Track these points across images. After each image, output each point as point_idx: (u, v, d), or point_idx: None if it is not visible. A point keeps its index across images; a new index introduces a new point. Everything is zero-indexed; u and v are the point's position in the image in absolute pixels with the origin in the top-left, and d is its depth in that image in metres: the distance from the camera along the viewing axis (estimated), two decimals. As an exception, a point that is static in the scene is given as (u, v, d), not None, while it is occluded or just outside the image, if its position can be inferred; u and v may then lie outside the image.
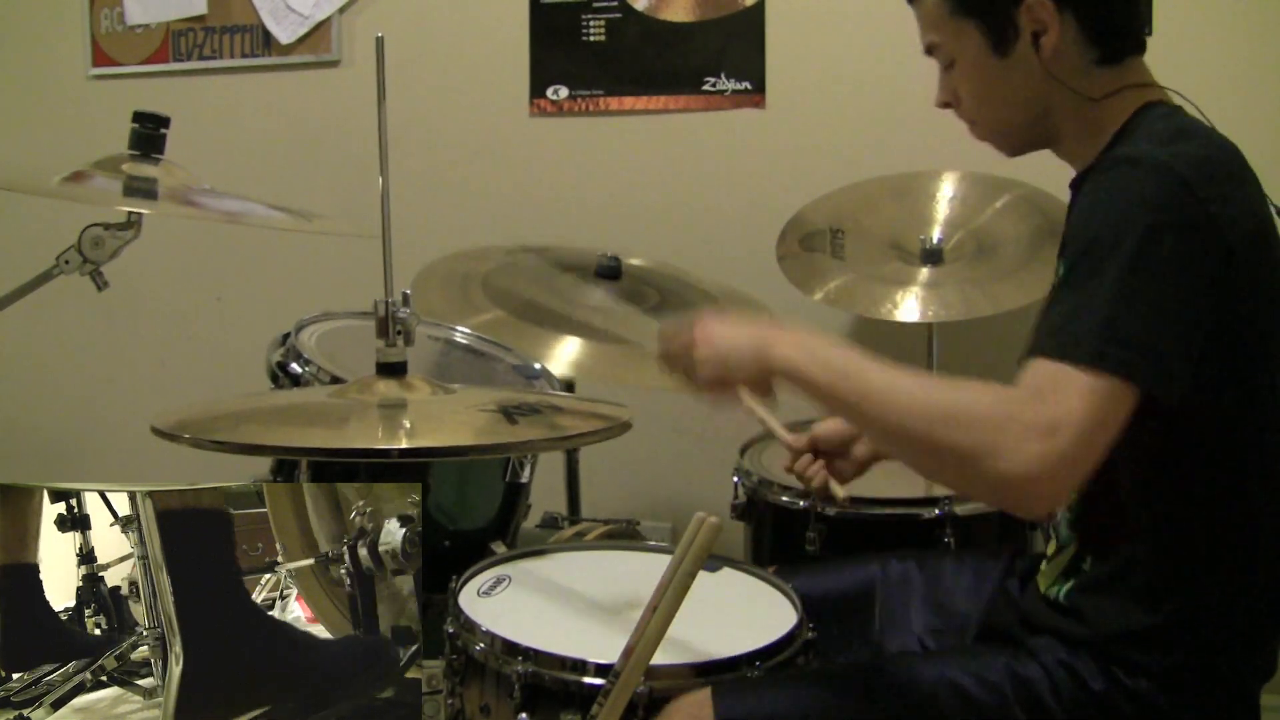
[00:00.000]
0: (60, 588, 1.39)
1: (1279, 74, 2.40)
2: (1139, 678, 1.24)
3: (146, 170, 1.76)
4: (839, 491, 1.56)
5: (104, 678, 1.38)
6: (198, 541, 1.38)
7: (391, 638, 1.42)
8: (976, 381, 1.13)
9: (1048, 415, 1.08)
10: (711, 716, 1.24)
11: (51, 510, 1.39)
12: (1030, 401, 1.09)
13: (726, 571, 1.59)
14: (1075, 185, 1.36)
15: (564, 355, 2.12)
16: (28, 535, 1.37)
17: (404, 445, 1.37)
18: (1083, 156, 1.34)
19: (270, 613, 1.42)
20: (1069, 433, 1.07)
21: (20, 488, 1.38)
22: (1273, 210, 1.26)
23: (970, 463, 1.10)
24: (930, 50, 1.39)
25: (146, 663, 1.39)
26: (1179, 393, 1.11)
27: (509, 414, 1.42)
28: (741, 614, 1.47)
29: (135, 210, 1.74)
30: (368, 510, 1.43)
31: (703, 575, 1.24)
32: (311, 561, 1.42)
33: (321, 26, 2.93)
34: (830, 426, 1.60)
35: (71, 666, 1.37)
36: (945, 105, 1.41)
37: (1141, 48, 1.33)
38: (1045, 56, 1.29)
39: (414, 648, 1.42)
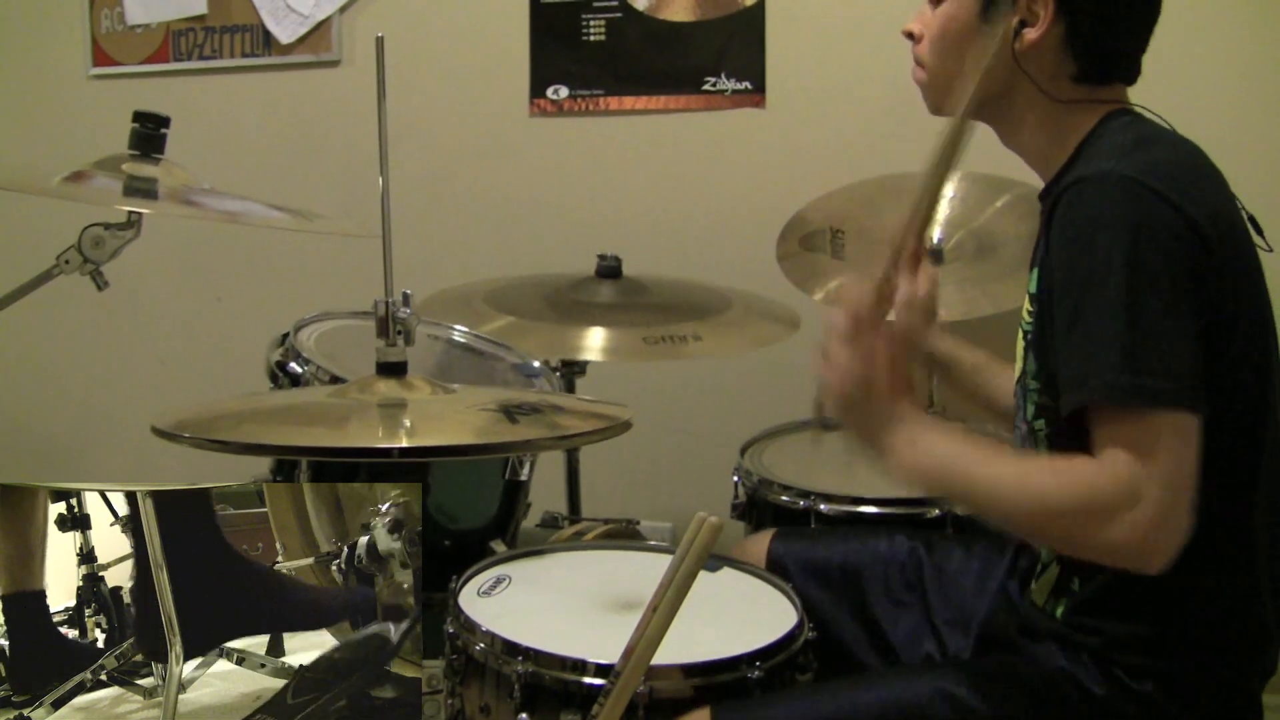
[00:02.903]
0: (60, 588, 1.39)
1: (1278, 74, 2.40)
2: (1144, 680, 1.23)
3: (147, 170, 1.76)
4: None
5: (104, 677, 1.38)
6: (197, 541, 1.38)
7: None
8: (1060, 462, 1.16)
9: (1125, 483, 1.10)
10: None
11: (52, 510, 1.39)
12: (1103, 475, 1.12)
13: (726, 571, 1.59)
14: (1044, 198, 1.36)
15: (589, 344, 2.15)
16: (32, 556, 1.37)
17: (404, 444, 1.37)
18: (1044, 160, 1.34)
19: (269, 607, 1.42)
20: (1150, 490, 1.10)
21: (22, 488, 1.38)
22: (1242, 212, 1.26)
23: (1078, 545, 1.17)
24: None
25: (146, 662, 1.39)
26: (1205, 403, 1.13)
27: (509, 413, 1.42)
28: (741, 614, 1.47)
29: (135, 210, 1.74)
30: (368, 510, 1.43)
31: (703, 575, 1.24)
32: (311, 561, 1.42)
33: (322, 26, 2.93)
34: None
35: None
36: (909, 35, 1.41)
37: (1131, 78, 1.33)
38: (1019, 47, 1.28)
39: (408, 621, 1.41)
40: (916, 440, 1.24)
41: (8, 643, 1.35)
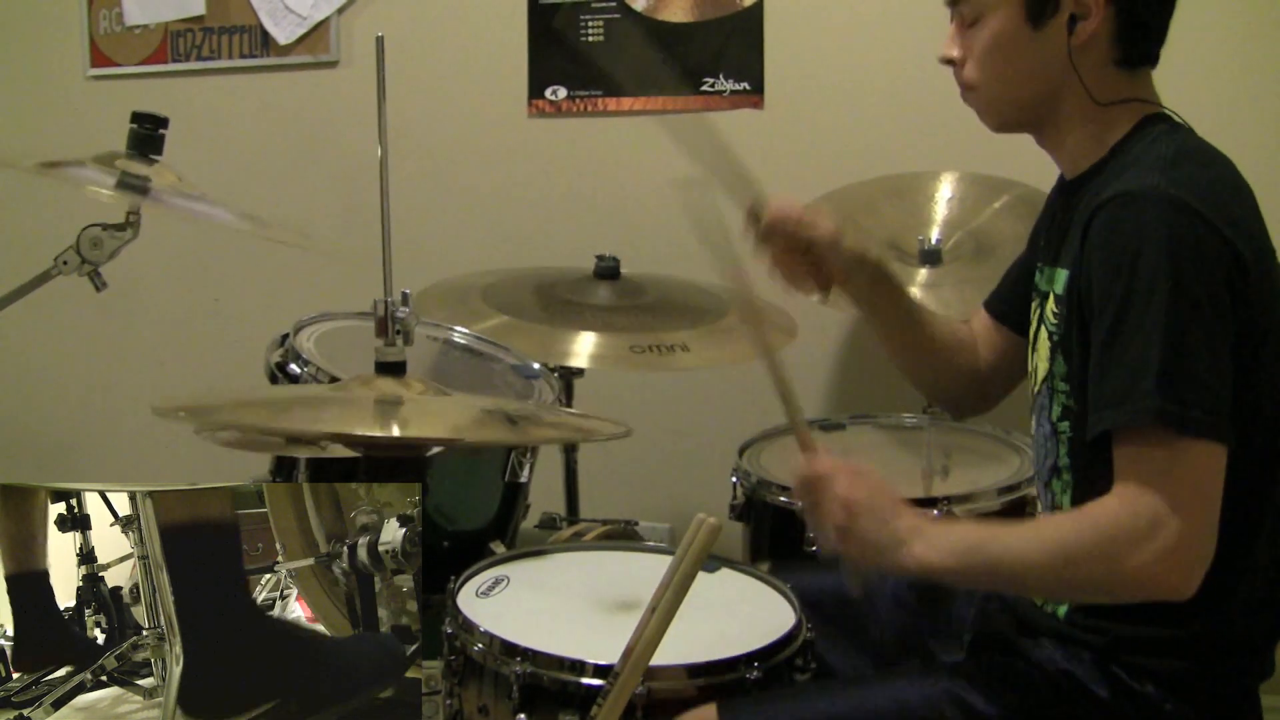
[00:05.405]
0: (60, 588, 1.39)
1: (1277, 75, 2.41)
2: (1145, 682, 1.24)
3: (141, 168, 1.76)
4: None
5: (104, 677, 1.38)
6: (199, 541, 1.38)
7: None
8: (1075, 512, 1.19)
9: (1143, 517, 1.11)
10: None
11: (52, 510, 1.39)
12: (1121, 512, 1.13)
13: (725, 572, 1.59)
14: (1065, 192, 1.36)
15: (578, 349, 2.15)
16: (35, 539, 1.37)
17: (400, 433, 1.37)
18: (1075, 157, 1.34)
19: (272, 613, 1.42)
20: (1170, 521, 1.11)
21: (22, 488, 1.38)
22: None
23: (1105, 588, 1.17)
24: (957, 1, 1.35)
25: (146, 663, 1.39)
26: (1233, 432, 1.14)
27: (509, 417, 1.42)
28: (740, 614, 1.47)
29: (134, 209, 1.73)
30: (368, 510, 1.43)
31: (702, 576, 1.25)
32: (311, 561, 1.42)
33: (320, 27, 2.93)
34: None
35: (71, 666, 1.37)
36: (948, 62, 1.37)
37: (1155, 60, 1.33)
38: (1076, 42, 1.27)
39: (414, 646, 1.42)
40: (924, 532, 1.23)
41: (13, 624, 1.34)
